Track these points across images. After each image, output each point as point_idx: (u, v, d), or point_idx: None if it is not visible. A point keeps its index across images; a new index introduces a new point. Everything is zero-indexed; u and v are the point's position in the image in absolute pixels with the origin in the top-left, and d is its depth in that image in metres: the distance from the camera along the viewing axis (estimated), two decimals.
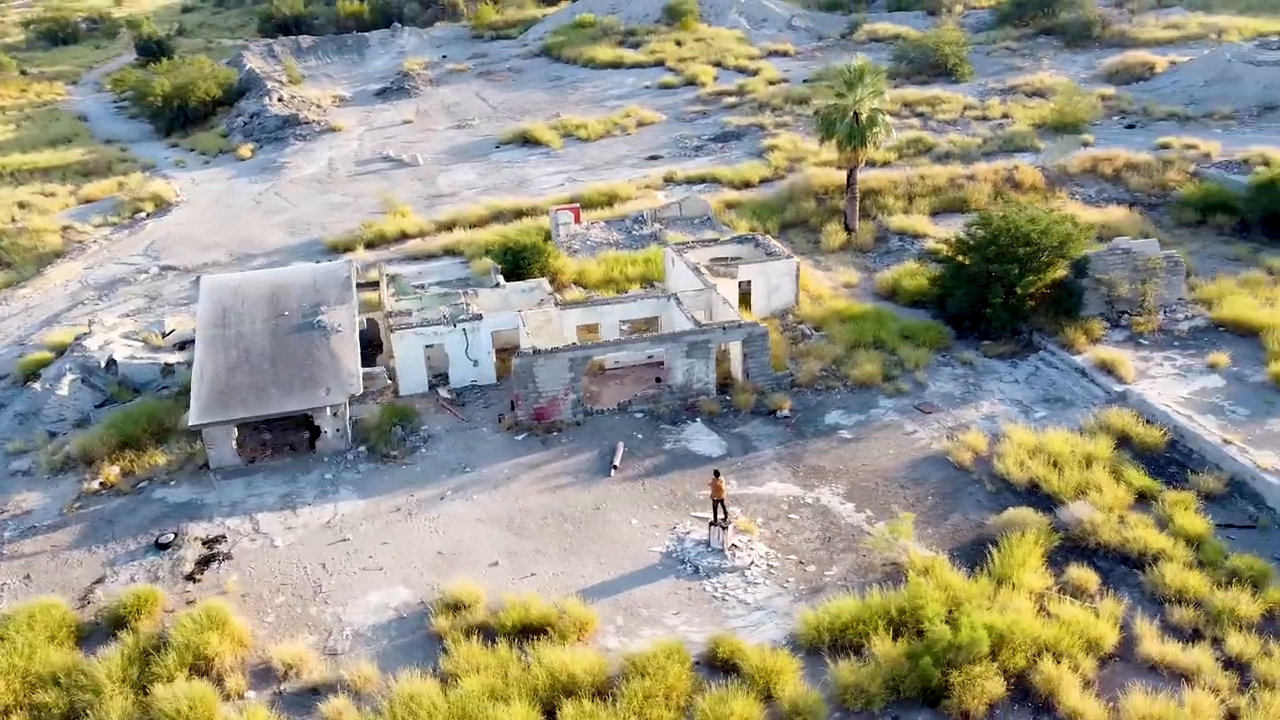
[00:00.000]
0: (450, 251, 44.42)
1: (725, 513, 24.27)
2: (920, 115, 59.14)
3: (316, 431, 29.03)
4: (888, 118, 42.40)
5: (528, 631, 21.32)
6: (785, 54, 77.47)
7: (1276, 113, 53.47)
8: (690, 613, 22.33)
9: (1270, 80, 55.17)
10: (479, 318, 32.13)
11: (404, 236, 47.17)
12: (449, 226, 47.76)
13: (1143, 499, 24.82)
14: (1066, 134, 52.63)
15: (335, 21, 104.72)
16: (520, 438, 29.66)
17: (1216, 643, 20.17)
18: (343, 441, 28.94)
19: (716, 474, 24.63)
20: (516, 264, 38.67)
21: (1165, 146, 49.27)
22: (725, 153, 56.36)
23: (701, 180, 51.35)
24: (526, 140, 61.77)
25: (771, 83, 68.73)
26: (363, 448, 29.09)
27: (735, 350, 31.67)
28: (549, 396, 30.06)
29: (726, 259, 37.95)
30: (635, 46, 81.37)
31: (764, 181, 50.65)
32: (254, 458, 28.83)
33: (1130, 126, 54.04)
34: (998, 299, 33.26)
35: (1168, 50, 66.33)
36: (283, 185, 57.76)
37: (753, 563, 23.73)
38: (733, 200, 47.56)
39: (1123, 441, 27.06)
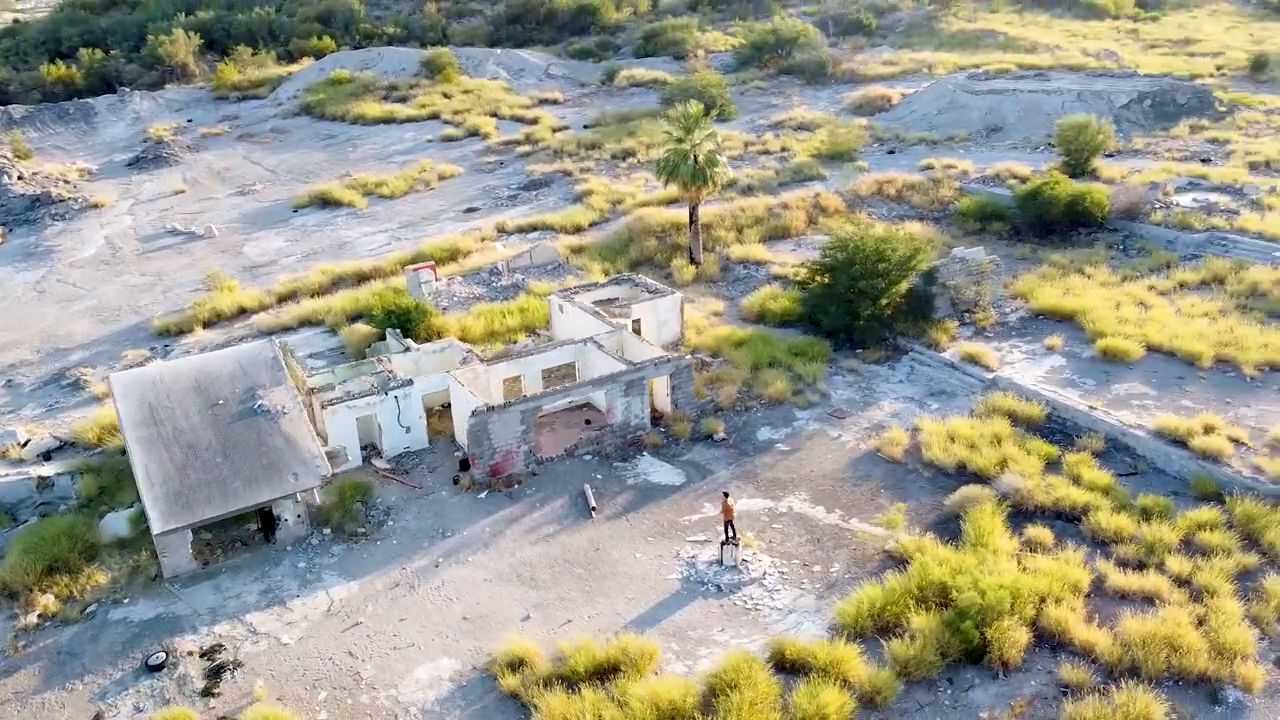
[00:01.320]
0: (309, 322, 42.95)
1: (734, 530, 26.19)
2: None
3: (270, 522, 27.72)
4: (723, 157, 46.21)
5: (600, 673, 22.09)
6: (556, 101, 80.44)
7: (1001, 133, 63.22)
8: (734, 627, 24.01)
9: (990, 106, 65.09)
10: (410, 383, 31.94)
11: (244, 312, 44.98)
12: (289, 297, 46.15)
13: (1049, 464, 29.52)
14: (843, 162, 59.23)
15: (41, 88, 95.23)
16: (483, 495, 29.89)
17: (1159, 568, 24.70)
18: (303, 527, 27.84)
19: (726, 495, 26.54)
20: (401, 326, 38.32)
21: (929, 167, 56.91)
22: (540, 200, 58.07)
23: (533, 228, 52.72)
24: (326, 202, 60.26)
25: (555, 130, 71.38)
26: (326, 530, 28.13)
27: (661, 384, 33.63)
28: (503, 451, 30.52)
29: (611, 300, 39.84)
30: (403, 101, 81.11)
31: (593, 225, 52.89)
32: (207, 560, 27.04)
33: (891, 152, 61.67)
34: (867, 311, 37.64)
35: (895, 84, 75.99)
36: (64, 270, 52.64)
37: (765, 573, 25.80)
38: (575, 245, 49.40)
39: (1011, 419, 31.86)
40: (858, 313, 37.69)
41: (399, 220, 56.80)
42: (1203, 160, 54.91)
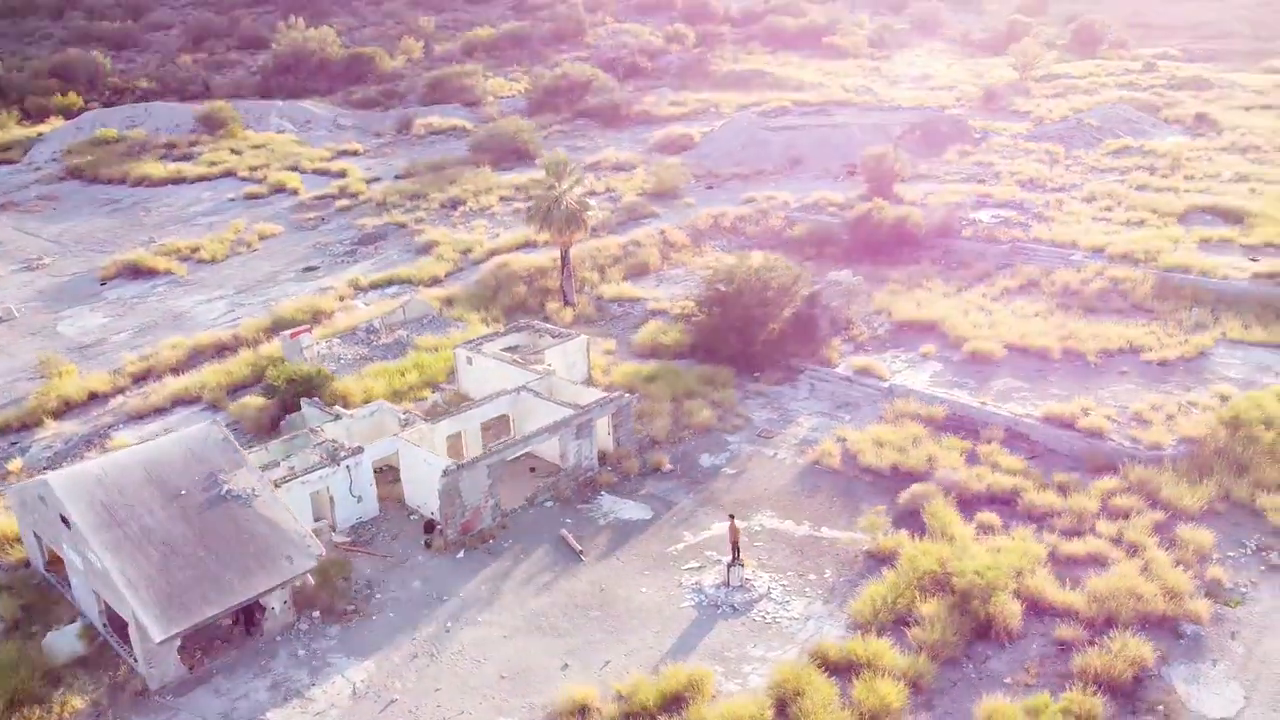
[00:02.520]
0: (183, 401, 40.00)
1: (738, 552, 27.67)
2: (533, 197, 65.06)
3: (249, 614, 26.12)
4: (592, 201, 47.72)
5: (666, 705, 22.84)
6: (356, 153, 78.56)
7: (802, 165, 68.86)
8: (763, 641, 25.46)
9: (788, 141, 70.74)
10: (360, 451, 30.98)
11: (96, 397, 41.18)
12: (144, 376, 42.74)
13: (967, 457, 33.26)
14: (671, 199, 62.43)
15: None
16: (460, 555, 29.56)
17: (1092, 532, 28.71)
18: (289, 613, 26.43)
19: (732, 517, 27.93)
20: (306, 393, 36.75)
21: (751, 200, 61.23)
22: (380, 254, 56.95)
23: (389, 283, 51.72)
24: (138, 271, 55.95)
25: (368, 181, 69.91)
26: (315, 612, 26.82)
27: (602, 424, 34.53)
28: (472, 508, 30.34)
29: (513, 347, 40.18)
30: (186, 159, 76.19)
31: (449, 275, 52.68)
32: (191, 665, 25.08)
33: (709, 187, 65.62)
34: (762, 337, 40.40)
35: (688, 123, 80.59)
36: None
37: (769, 588, 27.47)
38: (443, 296, 49.02)
39: (918, 421, 35.51)
40: (754, 339, 40.39)
41: (232, 285, 53.79)
42: (979, 181, 62.76)
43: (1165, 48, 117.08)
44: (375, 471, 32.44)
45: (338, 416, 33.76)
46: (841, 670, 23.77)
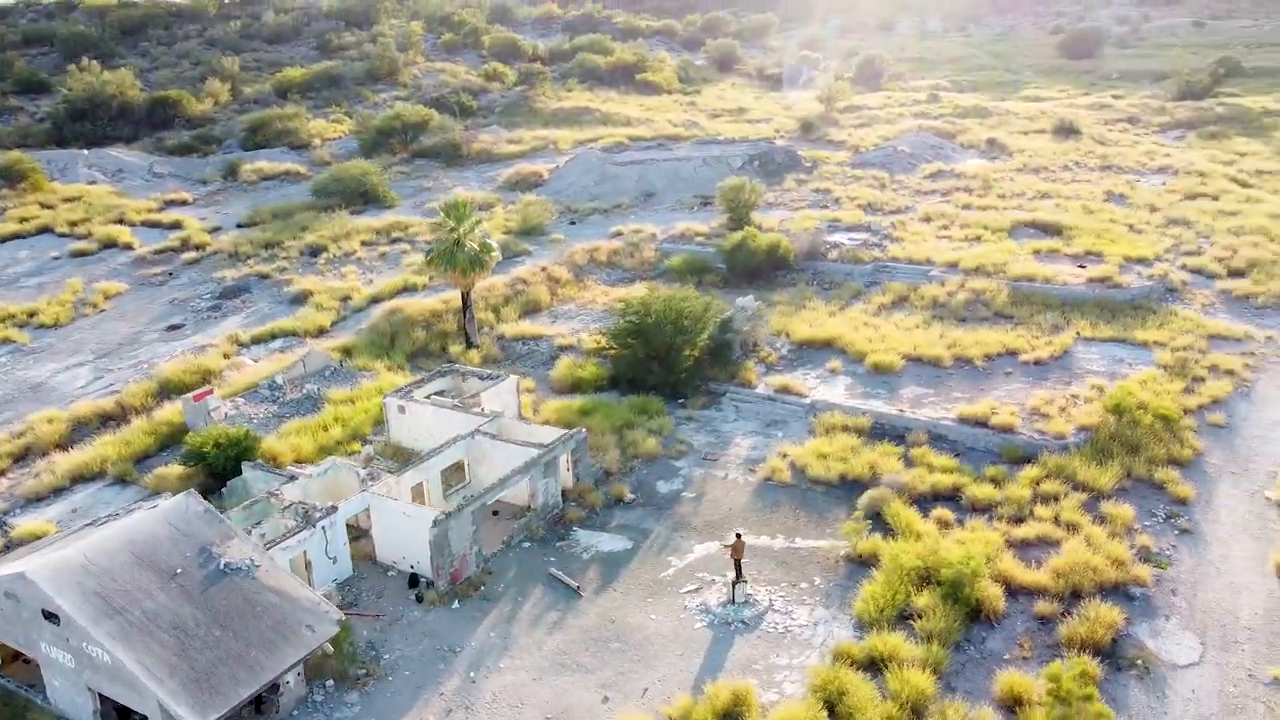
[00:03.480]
0: (82, 478, 36.82)
1: (741, 569, 28.88)
2: (395, 240, 64.08)
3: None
4: (493, 242, 47.80)
5: None
6: (185, 202, 74.09)
7: (655, 197, 71.44)
8: (784, 650, 26.80)
9: (639, 175, 73.16)
10: (334, 510, 29.93)
11: None
12: (21, 457, 38.99)
13: (905, 461, 36.10)
14: (538, 236, 63.16)
15: None
16: (456, 606, 29.17)
17: (1033, 516, 31.99)
18: (302, 685, 25.30)
19: (738, 535, 29.06)
20: (239, 460, 34.88)
21: (619, 234, 63.00)
22: (250, 307, 54.35)
23: (272, 336, 49.51)
24: None
25: (209, 232, 66.27)
26: (328, 680, 25.76)
27: (561, 460, 34.89)
28: (459, 556, 30.01)
29: (440, 392, 39.75)
30: None
31: (335, 324, 51.11)
32: None
33: (572, 223, 66.86)
34: (686, 365, 42.02)
35: (530, 160, 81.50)
36: None
37: (771, 600, 28.87)
38: (340, 346, 47.52)
39: (847, 431, 38.11)
40: (677, 367, 41.93)
41: (89, 349, 49.82)
42: (822, 207, 67.43)
43: (936, 80, 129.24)
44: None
45: (293, 477, 32.35)
46: (866, 667, 25.50)
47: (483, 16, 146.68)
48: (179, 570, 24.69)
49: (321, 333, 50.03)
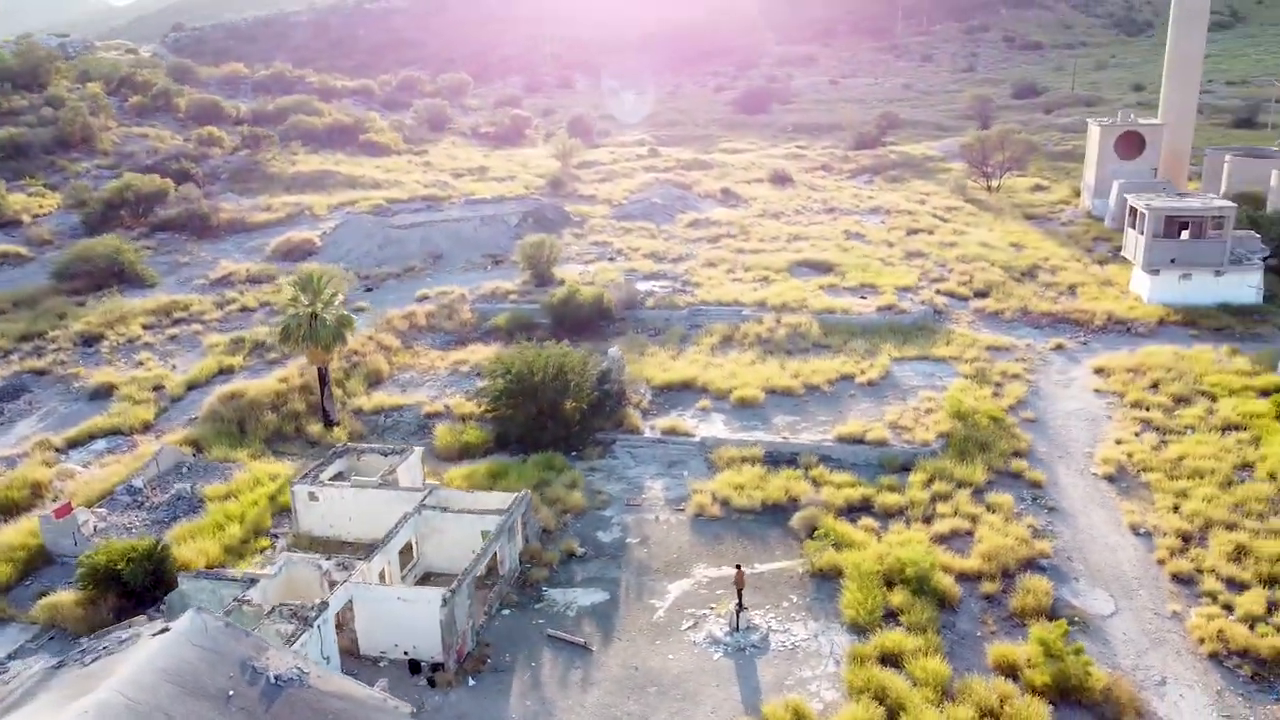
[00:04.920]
0: None
1: (742, 597, 30.77)
2: (179, 322, 59.01)
3: None
4: (354, 316, 45.98)
5: None
6: None
7: (444, 259, 71.17)
8: (800, 664, 29.09)
9: (423, 236, 72.52)
10: (326, 606, 28.19)
11: None
12: None
13: (810, 482, 39.77)
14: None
15: None
16: (473, 684, 28.59)
17: (938, 515, 36.78)
18: None
19: (739, 566, 30.74)
20: (157, 574, 31.43)
21: (425, 297, 62.35)
22: (42, 407, 47.98)
23: (91, 437, 44.16)
24: None
25: None
26: None
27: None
28: (461, 634, 29.43)
29: (339, 474, 38.04)
30: None
31: (160, 416, 46.53)
32: None
33: (369, 289, 65.02)
34: (576, 419, 43.19)
35: (290, 227, 77.72)
36: None
37: (767, 622, 31.06)
38: (183, 439, 43.42)
39: (745, 462, 41.24)
40: (569, 421, 43.02)
41: None
42: (609, 259, 70.90)
43: (637, 135, 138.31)
44: None
45: (253, 580, 29.82)
46: (881, 664, 28.52)
47: (163, 76, 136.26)
48: (231, 693, 22.50)
49: (148, 428, 45.39)
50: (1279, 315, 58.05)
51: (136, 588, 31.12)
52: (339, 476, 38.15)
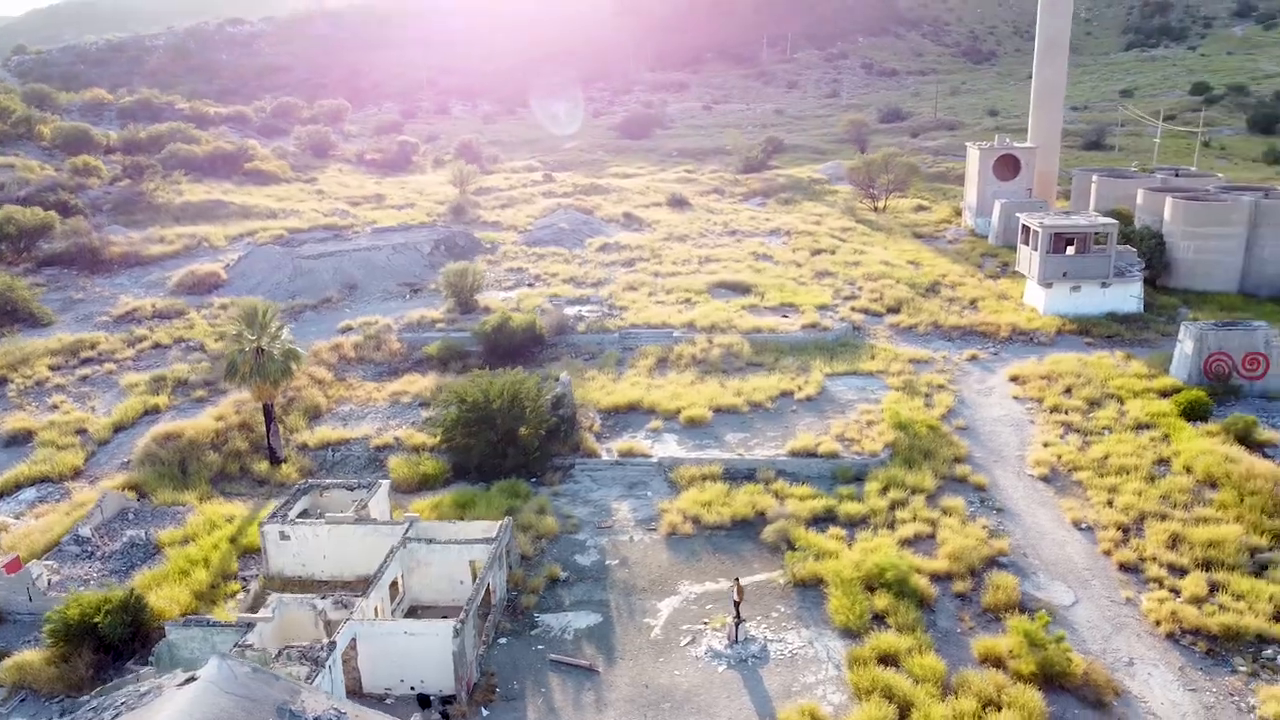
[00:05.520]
0: None
1: (740, 611, 31.62)
2: (88, 361, 56.08)
3: None
4: (300, 350, 44.79)
5: None
6: None
7: (359, 289, 69.84)
8: (803, 670, 30.16)
9: (335, 267, 70.97)
10: (334, 645, 27.61)
11: None
12: None
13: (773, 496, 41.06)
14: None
15: None
16: (486, 714, 28.53)
17: (899, 520, 38.64)
18: None
19: (736, 580, 31.53)
20: (134, 626, 30.06)
21: (349, 329, 61.15)
22: None
23: (18, 485, 41.81)
24: None
25: None
26: None
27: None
28: (469, 665, 29.29)
29: (304, 512, 37.17)
30: None
31: (89, 461, 44.23)
32: None
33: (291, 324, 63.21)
34: (536, 446, 43.35)
35: (192, 259, 74.73)
36: None
37: (763, 633, 32.02)
38: (126, 483, 41.41)
39: (707, 479, 42.26)
40: (529, 448, 43.15)
41: None
42: (529, 285, 71.12)
43: (525, 160, 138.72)
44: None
45: (250, 625, 28.88)
46: (879, 664, 29.92)
47: (18, 102, 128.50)
48: None
49: (78, 473, 43.08)
50: (1159, 322, 63.17)
51: (115, 641, 29.66)
52: (304, 514, 37.22)
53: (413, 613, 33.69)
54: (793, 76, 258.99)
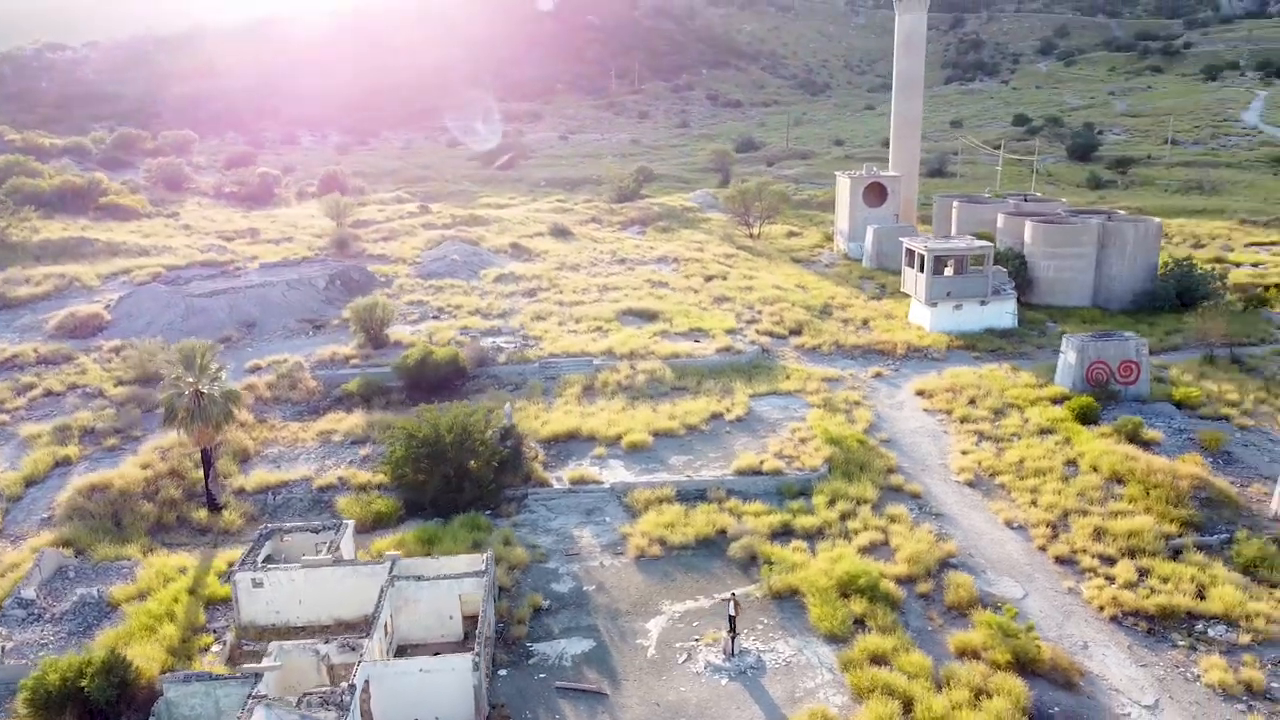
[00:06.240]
0: None
1: (735, 624, 32.79)
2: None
3: None
4: (240, 391, 43.17)
5: None
6: None
7: (258, 327, 67.44)
8: (801, 676, 31.63)
9: (230, 304, 68.29)
10: (353, 689, 27.13)
11: None
12: None
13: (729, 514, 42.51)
14: (156, 383, 56.46)
15: None
16: None
17: (865, 527, 40.75)
18: None
19: (733, 595, 32.59)
20: (122, 687, 28.56)
21: (259, 367, 59.10)
22: None
23: None
24: None
25: None
26: None
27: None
28: (484, 699, 29.33)
29: (267, 559, 36.15)
30: None
31: (5, 518, 41.19)
32: None
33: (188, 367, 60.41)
34: (490, 479, 43.39)
35: (64, 301, 70.21)
36: None
37: (755, 645, 33.30)
38: (57, 540, 38.86)
39: (662, 501, 43.37)
40: (484, 481, 43.17)
41: None
42: (435, 318, 70.52)
43: (395, 192, 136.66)
44: None
45: (258, 676, 27.91)
46: (873, 664, 31.78)
47: None
48: None
49: (17, 539, 40.17)
50: (1032, 336, 68.77)
51: (102, 704, 28.10)
52: (269, 559, 36.14)
53: (401, 652, 33.24)
54: (643, 107, 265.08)
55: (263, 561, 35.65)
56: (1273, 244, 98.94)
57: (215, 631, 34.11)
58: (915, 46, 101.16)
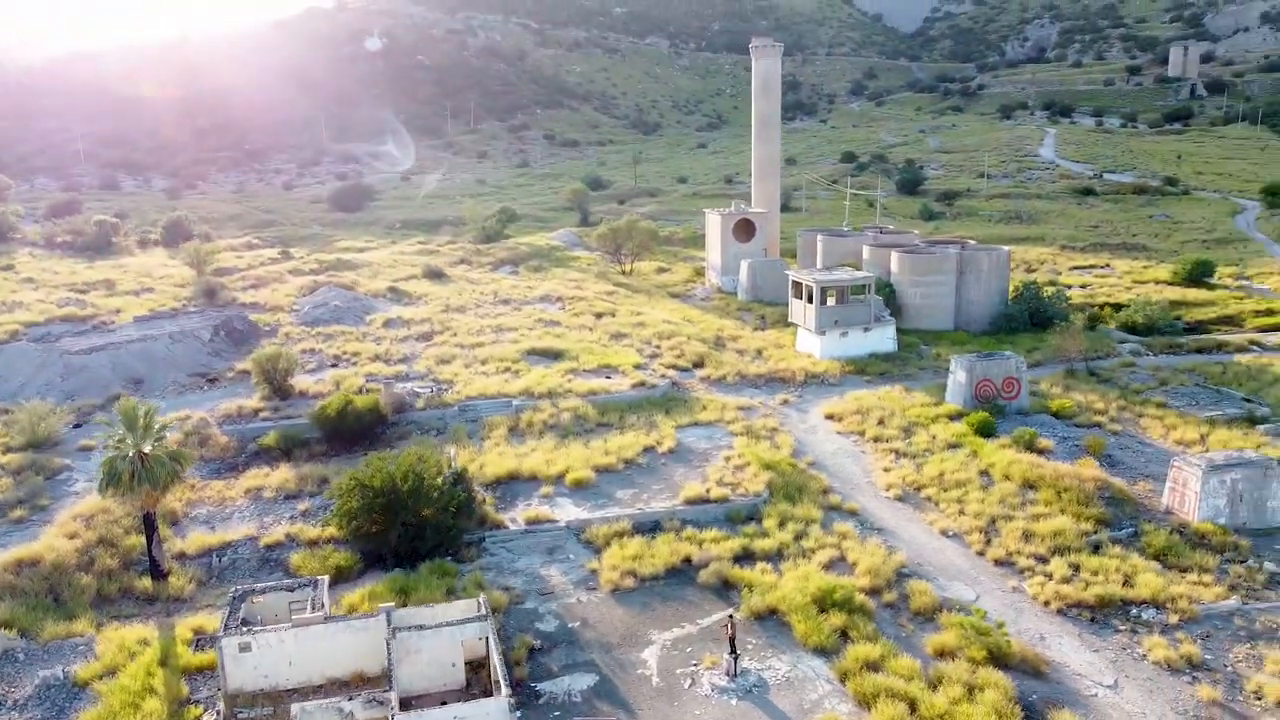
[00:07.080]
0: None
1: (734, 645, 34.03)
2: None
3: None
4: (189, 452, 41.08)
5: None
6: None
7: (146, 384, 63.82)
8: (803, 690, 33.23)
9: (113, 362, 64.32)
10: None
11: None
12: None
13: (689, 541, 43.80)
14: (52, 448, 52.93)
15: None
16: None
17: (819, 546, 42.89)
18: None
19: (731, 617, 33.71)
20: None
21: (163, 427, 55.99)
22: None
23: None
24: None
25: None
26: None
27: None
28: None
29: (246, 623, 34.88)
30: None
31: None
32: None
33: (78, 425, 56.63)
34: (451, 524, 43.08)
35: None
36: None
37: (753, 664, 34.67)
38: (5, 620, 35.93)
39: (620, 534, 44.24)
40: (444, 527, 42.84)
41: None
42: (332, 365, 68.79)
43: (245, 237, 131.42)
44: None
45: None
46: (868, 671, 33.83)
47: None
48: None
49: None
50: (911, 358, 73.83)
51: None
52: (245, 623, 34.77)
53: (405, 705, 32.68)
54: (481, 147, 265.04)
55: (239, 625, 34.32)
56: (1093, 266, 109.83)
57: (202, 703, 32.51)
58: (772, 90, 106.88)
